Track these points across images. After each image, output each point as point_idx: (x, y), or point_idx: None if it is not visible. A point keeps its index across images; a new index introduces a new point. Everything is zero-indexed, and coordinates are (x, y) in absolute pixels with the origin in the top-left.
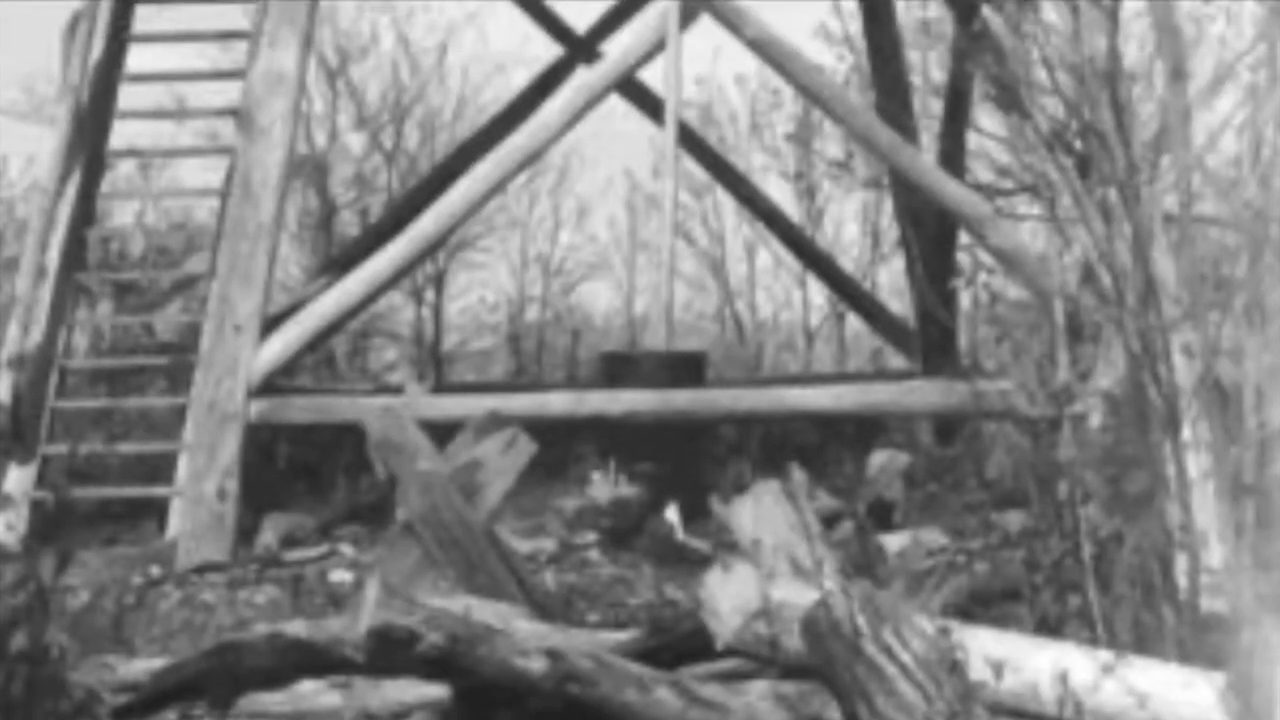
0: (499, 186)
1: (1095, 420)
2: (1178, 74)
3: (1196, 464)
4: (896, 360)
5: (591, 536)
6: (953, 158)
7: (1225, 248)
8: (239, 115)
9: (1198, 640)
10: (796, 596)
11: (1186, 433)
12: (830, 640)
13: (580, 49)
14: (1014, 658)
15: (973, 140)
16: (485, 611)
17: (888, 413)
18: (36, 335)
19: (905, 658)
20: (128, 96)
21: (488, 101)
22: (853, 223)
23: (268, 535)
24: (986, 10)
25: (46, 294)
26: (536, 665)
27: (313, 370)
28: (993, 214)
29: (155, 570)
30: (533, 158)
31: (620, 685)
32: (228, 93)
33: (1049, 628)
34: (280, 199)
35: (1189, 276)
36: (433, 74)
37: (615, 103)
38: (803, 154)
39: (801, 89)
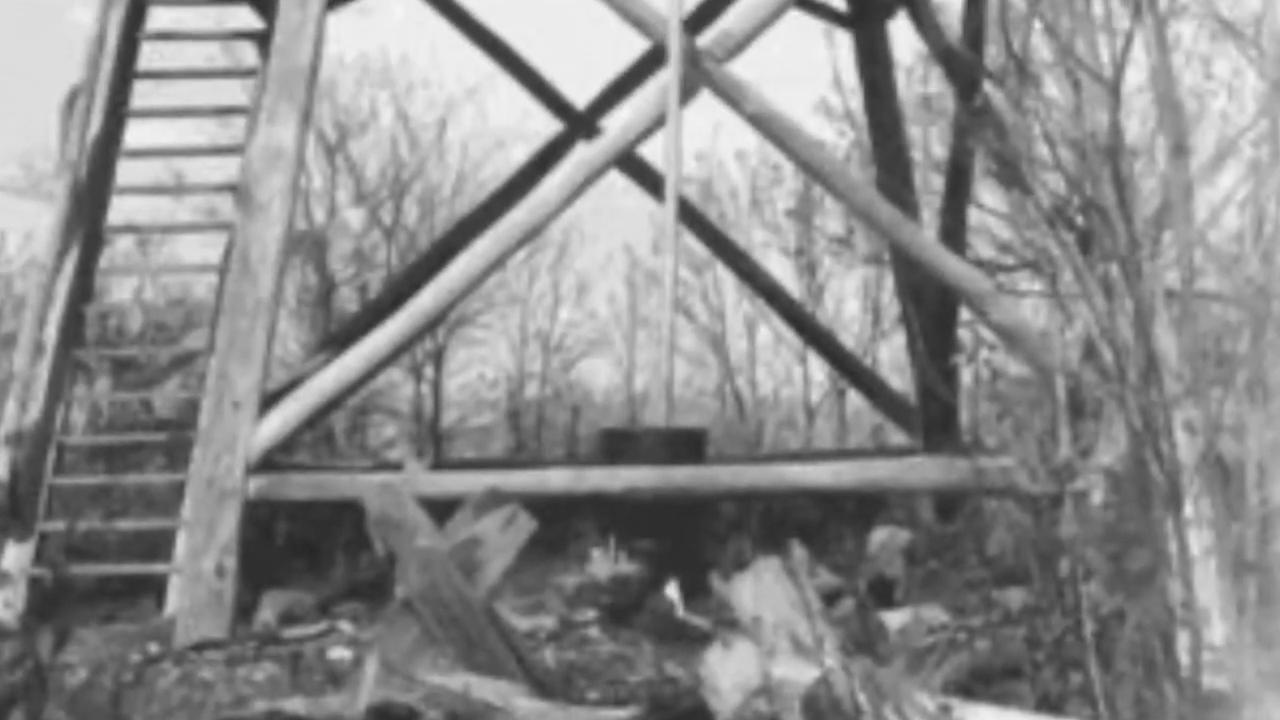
0: (498, 262)
1: (1097, 497)
2: (1180, 149)
3: (1198, 541)
4: (897, 437)
5: (591, 613)
6: (954, 233)
7: (1227, 324)
8: (237, 191)
9: (1200, 717)
10: (797, 674)
11: (1188, 509)
12: (831, 718)
13: (580, 124)
14: None
15: (974, 216)
16: (485, 689)
17: (889, 489)
18: (34, 412)
19: None
20: (126, 172)
21: (487, 177)
22: (853, 299)
23: (266, 612)
24: (988, 86)
25: (44, 370)
26: None
27: (311, 447)
28: (994, 290)
29: (154, 647)
30: (532, 233)
31: None
32: (226, 168)
33: (1050, 705)
34: (279, 275)
35: (1191, 352)
36: (432, 150)
37: (615, 178)
38: (803, 230)
39: (802, 164)
